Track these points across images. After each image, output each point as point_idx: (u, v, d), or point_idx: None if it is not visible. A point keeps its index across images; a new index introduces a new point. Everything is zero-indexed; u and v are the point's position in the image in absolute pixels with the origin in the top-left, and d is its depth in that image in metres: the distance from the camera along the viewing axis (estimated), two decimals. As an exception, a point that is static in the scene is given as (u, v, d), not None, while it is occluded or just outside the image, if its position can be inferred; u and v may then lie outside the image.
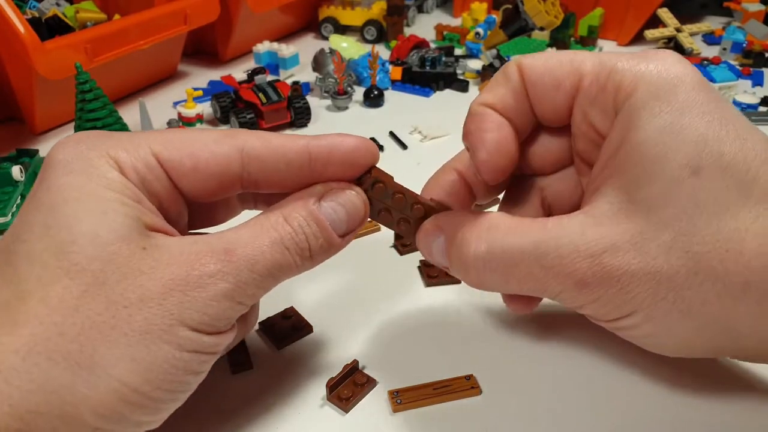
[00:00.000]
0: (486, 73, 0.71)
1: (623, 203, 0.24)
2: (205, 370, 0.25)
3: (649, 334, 0.26)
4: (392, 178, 0.29)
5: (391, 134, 0.60)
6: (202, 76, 0.77)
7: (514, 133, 0.27)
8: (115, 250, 0.22)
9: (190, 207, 0.29)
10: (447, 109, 0.68)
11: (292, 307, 0.36)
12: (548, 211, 0.31)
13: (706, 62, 0.72)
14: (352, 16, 0.89)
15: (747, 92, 0.68)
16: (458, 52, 0.82)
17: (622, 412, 0.30)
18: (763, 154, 0.23)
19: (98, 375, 0.21)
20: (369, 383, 0.31)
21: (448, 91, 0.72)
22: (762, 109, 0.65)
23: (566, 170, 0.30)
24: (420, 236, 0.29)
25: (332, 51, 0.73)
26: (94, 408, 0.21)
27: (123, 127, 0.52)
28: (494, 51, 0.72)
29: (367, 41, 0.89)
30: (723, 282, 0.23)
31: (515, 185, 0.31)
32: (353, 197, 0.28)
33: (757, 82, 0.73)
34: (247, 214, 0.32)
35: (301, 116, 0.62)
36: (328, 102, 0.68)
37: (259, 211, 0.33)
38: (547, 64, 0.27)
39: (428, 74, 0.71)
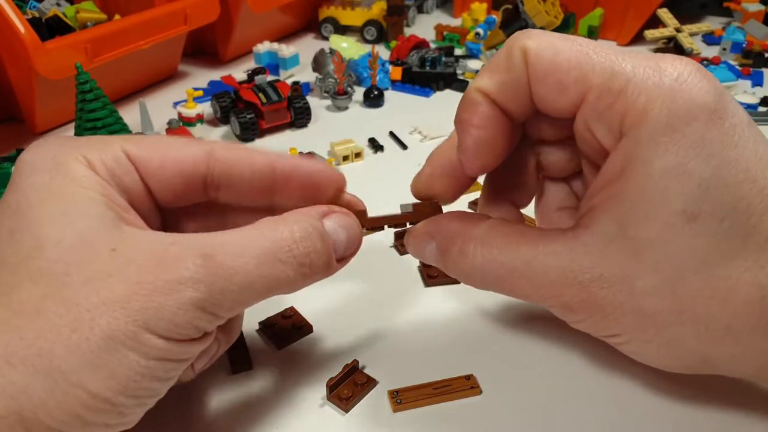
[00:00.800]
0: (486, 73, 0.71)
1: (615, 236, 0.24)
2: (173, 377, 0.24)
3: (633, 352, 0.27)
4: (365, 212, 0.29)
5: (391, 134, 0.60)
6: (203, 77, 0.77)
7: (505, 128, 0.26)
8: (80, 252, 0.22)
9: (163, 221, 0.29)
10: (447, 109, 0.67)
11: (292, 307, 0.36)
12: (539, 172, 0.31)
13: (705, 62, 0.72)
14: (352, 17, 0.89)
15: (747, 92, 0.68)
16: (458, 52, 0.83)
17: (621, 411, 0.30)
18: (762, 200, 0.22)
19: (56, 380, 0.20)
20: (369, 383, 0.31)
21: (448, 92, 0.72)
22: (762, 109, 0.65)
23: (566, 142, 0.29)
24: (410, 241, 0.29)
25: (332, 51, 0.73)
26: (52, 413, 0.21)
27: (123, 127, 0.52)
28: (494, 51, 0.72)
29: (367, 41, 0.89)
30: (705, 324, 0.23)
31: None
32: (354, 223, 0.28)
33: (757, 82, 0.73)
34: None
35: (301, 116, 0.62)
36: (328, 102, 0.68)
37: None
38: (554, 62, 0.24)
39: (428, 74, 0.71)
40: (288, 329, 0.35)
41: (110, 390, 0.21)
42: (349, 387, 0.30)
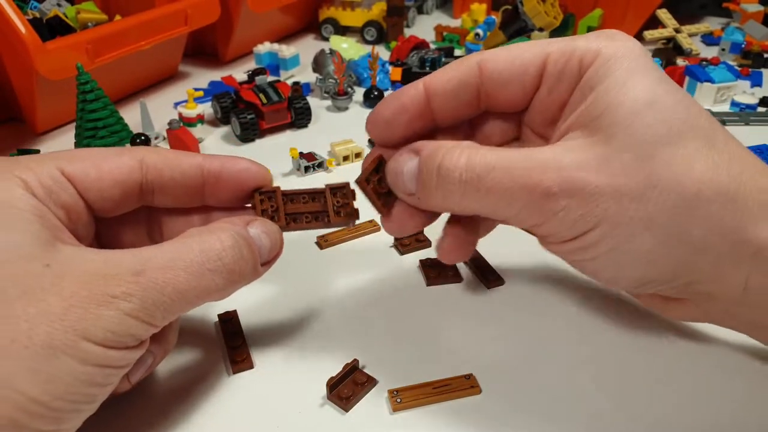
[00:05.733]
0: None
1: (587, 138, 0.27)
2: (111, 383, 0.24)
3: (609, 248, 0.27)
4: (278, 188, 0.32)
5: (391, 135, 0.60)
6: (203, 77, 0.77)
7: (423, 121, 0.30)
8: (16, 268, 0.22)
9: (98, 232, 0.29)
10: (447, 109, 0.68)
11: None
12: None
13: (704, 63, 0.72)
14: (352, 17, 0.90)
15: (746, 93, 0.68)
16: (458, 52, 0.83)
17: (622, 410, 0.30)
18: (698, 107, 0.27)
19: None
20: (369, 382, 0.31)
21: (447, 92, 0.72)
22: (761, 109, 0.65)
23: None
24: (394, 158, 0.30)
25: (332, 52, 0.73)
26: None
27: (124, 127, 0.53)
28: (494, 52, 0.72)
29: (367, 42, 0.89)
30: (677, 192, 0.25)
31: None
32: (276, 229, 0.30)
33: (756, 82, 0.73)
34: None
35: (301, 117, 0.62)
36: (329, 102, 0.68)
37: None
38: (511, 54, 0.29)
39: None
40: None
41: (48, 394, 0.22)
42: (349, 386, 0.31)
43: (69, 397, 0.22)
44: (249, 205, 0.32)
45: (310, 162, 0.53)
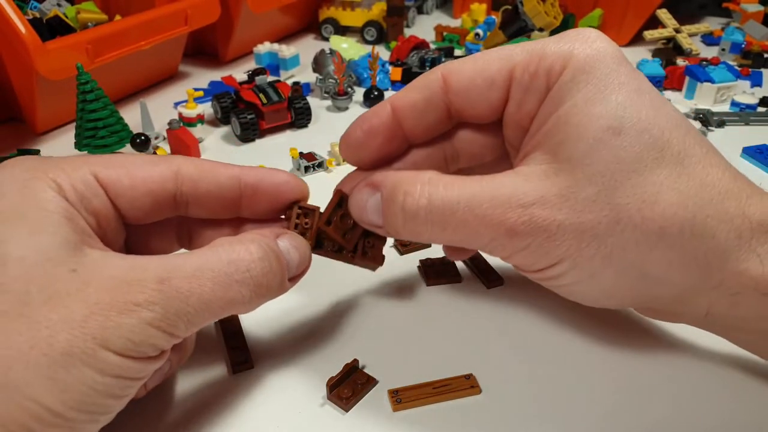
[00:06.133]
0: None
1: (551, 163, 0.26)
2: (128, 395, 0.24)
3: (574, 281, 0.27)
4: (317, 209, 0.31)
5: (391, 135, 0.60)
6: (203, 77, 0.77)
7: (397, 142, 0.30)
8: (41, 271, 0.22)
9: (128, 236, 0.29)
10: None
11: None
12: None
13: (704, 63, 0.72)
14: (352, 17, 0.90)
15: (746, 93, 0.68)
16: (458, 53, 0.83)
17: (622, 408, 0.30)
18: (673, 121, 0.26)
19: (11, 392, 0.21)
20: (369, 382, 0.31)
21: (447, 92, 0.72)
22: (761, 109, 0.65)
23: (497, 162, 0.32)
24: (354, 194, 0.30)
25: (332, 52, 0.73)
26: (3, 424, 0.21)
27: (124, 127, 0.53)
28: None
29: (367, 42, 0.89)
30: (641, 229, 0.25)
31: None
32: (305, 244, 0.29)
33: (756, 82, 0.73)
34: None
35: (301, 117, 0.62)
36: (329, 102, 0.68)
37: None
38: (476, 67, 0.28)
39: (428, 75, 0.71)
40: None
41: (63, 404, 0.21)
42: (350, 386, 0.31)
43: (84, 408, 0.22)
44: (283, 216, 0.31)
45: (310, 162, 0.53)
